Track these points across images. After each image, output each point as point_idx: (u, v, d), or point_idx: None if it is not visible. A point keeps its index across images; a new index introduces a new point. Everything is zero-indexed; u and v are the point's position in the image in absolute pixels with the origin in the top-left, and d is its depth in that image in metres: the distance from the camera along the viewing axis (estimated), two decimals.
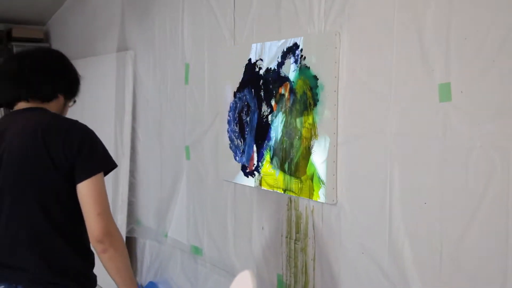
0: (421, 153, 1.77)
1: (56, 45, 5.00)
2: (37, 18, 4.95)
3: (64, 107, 1.81)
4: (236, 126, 2.60)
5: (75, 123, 1.67)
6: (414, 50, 1.77)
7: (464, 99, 1.63)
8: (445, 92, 1.67)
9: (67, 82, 1.77)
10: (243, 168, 2.56)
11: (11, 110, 1.71)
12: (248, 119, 2.52)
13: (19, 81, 1.69)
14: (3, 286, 1.55)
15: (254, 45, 2.46)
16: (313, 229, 2.22)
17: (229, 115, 2.65)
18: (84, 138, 1.62)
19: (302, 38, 2.19)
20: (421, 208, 1.77)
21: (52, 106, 1.74)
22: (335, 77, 2.04)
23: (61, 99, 1.76)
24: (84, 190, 1.56)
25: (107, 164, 1.65)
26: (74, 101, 1.88)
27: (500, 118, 1.54)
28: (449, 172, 1.68)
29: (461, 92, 1.63)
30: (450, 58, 1.66)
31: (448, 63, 1.66)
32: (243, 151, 2.55)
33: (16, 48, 4.79)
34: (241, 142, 2.57)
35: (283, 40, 2.28)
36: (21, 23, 4.95)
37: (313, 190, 2.15)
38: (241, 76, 2.54)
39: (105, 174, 1.66)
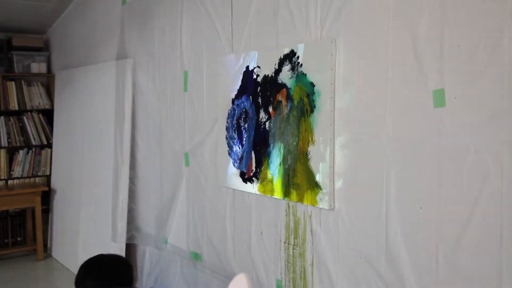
0: (417, 158, 1.79)
1: (56, 53, 5.03)
2: (37, 27, 4.99)
3: None
4: (235, 132, 2.62)
5: None
6: (408, 57, 1.80)
7: (458, 105, 1.65)
8: (439, 98, 1.70)
9: None
10: (242, 175, 2.58)
11: None
12: (246, 125, 2.54)
13: None
14: None
15: (251, 53, 2.49)
16: (311, 234, 2.24)
17: (227, 122, 2.67)
18: None
19: (298, 45, 2.22)
20: (417, 212, 1.79)
21: None
22: (332, 83, 2.07)
23: None
24: None
25: None
26: None
27: (493, 123, 1.57)
28: (444, 176, 1.71)
29: (455, 98, 1.66)
30: (444, 64, 1.69)
31: (441, 70, 1.69)
32: (242, 158, 2.58)
33: (16, 56, 4.81)
34: (239, 148, 2.59)
35: (280, 48, 2.31)
36: (21, 32, 4.98)
37: (311, 196, 2.17)
38: (239, 83, 2.57)
39: None
